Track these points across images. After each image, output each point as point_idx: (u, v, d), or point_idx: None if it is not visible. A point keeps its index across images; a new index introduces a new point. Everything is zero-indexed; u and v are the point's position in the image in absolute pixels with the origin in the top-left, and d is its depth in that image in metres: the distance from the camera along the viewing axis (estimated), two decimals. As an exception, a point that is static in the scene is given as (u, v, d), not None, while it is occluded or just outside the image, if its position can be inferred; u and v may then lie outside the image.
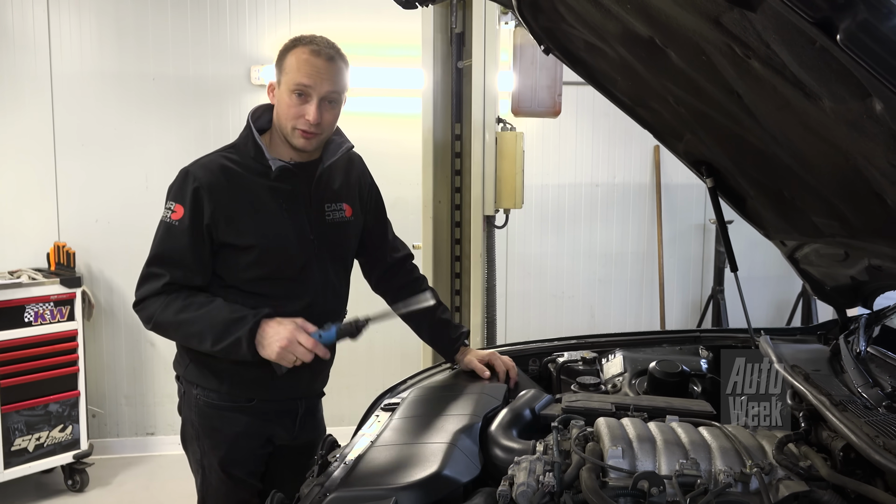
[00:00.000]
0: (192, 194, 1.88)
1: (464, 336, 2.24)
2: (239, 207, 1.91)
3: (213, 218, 1.88)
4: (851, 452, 1.35)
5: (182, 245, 1.89)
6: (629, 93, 1.99)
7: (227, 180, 1.91)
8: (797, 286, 4.98)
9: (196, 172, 1.91)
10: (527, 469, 1.39)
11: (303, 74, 1.85)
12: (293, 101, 1.88)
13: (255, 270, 1.93)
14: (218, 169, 1.92)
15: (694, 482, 1.32)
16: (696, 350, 2.25)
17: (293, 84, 1.86)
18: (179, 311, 1.86)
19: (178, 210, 1.89)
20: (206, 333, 1.84)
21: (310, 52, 1.86)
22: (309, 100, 1.87)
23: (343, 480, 1.43)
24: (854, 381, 1.69)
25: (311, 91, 1.86)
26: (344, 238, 2.11)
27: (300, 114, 1.88)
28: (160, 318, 1.88)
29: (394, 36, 4.49)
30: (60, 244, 4.18)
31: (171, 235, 1.90)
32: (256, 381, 1.97)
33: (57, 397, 3.92)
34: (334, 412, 4.29)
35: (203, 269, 1.92)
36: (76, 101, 4.34)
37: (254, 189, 1.93)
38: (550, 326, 4.96)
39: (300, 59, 1.86)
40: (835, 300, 2.21)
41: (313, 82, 1.86)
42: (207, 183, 1.89)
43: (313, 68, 1.85)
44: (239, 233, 1.91)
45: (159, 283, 1.89)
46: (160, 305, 1.88)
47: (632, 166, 5.00)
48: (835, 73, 0.86)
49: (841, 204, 1.46)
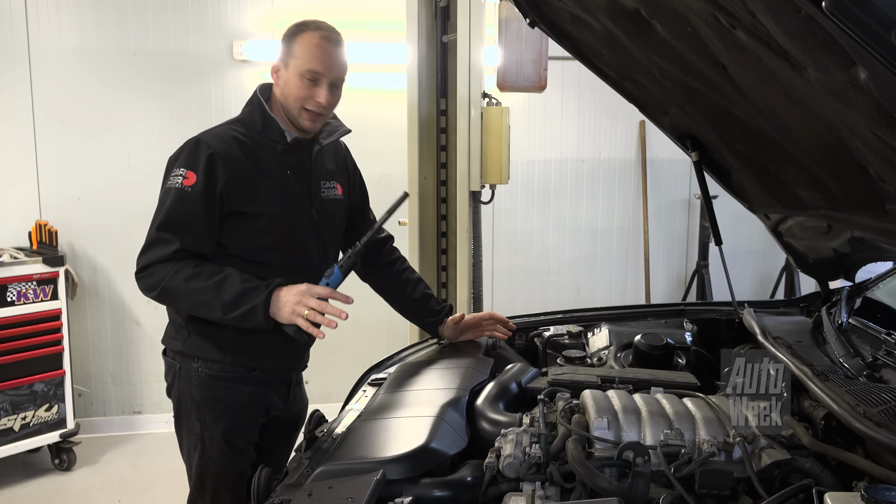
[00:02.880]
0: (206, 161, 1.90)
1: (447, 310, 2.27)
2: (250, 176, 1.95)
3: (227, 185, 1.91)
4: (832, 421, 1.37)
5: (195, 211, 1.89)
6: (615, 66, 1.98)
7: (239, 149, 1.95)
8: (781, 260, 5.02)
9: (209, 140, 1.93)
10: (513, 441, 1.40)
11: (316, 61, 1.92)
12: (304, 84, 1.93)
13: (261, 239, 1.97)
14: (230, 138, 1.96)
15: (678, 452, 1.34)
16: (680, 323, 2.27)
17: (304, 69, 1.92)
18: (190, 279, 1.87)
19: (191, 176, 1.89)
20: (215, 302, 1.85)
21: (321, 38, 1.93)
22: (319, 84, 1.94)
23: (331, 454, 1.44)
24: (836, 352, 1.72)
25: (322, 77, 1.93)
26: (336, 214, 2.17)
27: (310, 96, 1.94)
28: (169, 284, 1.88)
29: (378, 10, 4.43)
30: (42, 223, 4.13)
31: (184, 201, 1.89)
32: (258, 351, 2.01)
33: (42, 377, 3.90)
34: (321, 389, 4.33)
35: (212, 237, 1.94)
36: (55, 77, 4.26)
37: (265, 159, 1.98)
38: (536, 302, 4.98)
39: (312, 45, 1.93)
40: (818, 273, 2.23)
41: (325, 69, 1.93)
42: (222, 151, 1.92)
43: (325, 54, 1.93)
44: (250, 201, 1.95)
45: (170, 249, 1.88)
46: (169, 271, 1.88)
47: (617, 142, 5.00)
48: (819, 42, 0.86)
49: (824, 176, 1.47)
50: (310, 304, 1.82)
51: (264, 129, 2.00)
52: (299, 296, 1.83)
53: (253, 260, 1.97)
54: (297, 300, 1.83)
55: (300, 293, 1.84)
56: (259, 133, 2.00)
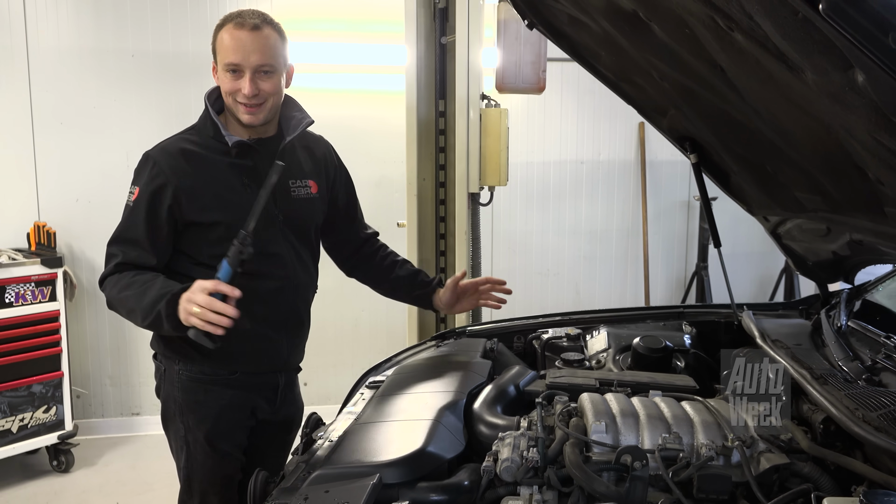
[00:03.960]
0: (148, 175, 1.91)
1: (437, 280, 2.29)
2: (201, 185, 1.93)
3: (174, 197, 1.90)
4: (831, 425, 1.37)
5: (136, 224, 1.92)
6: (613, 68, 1.97)
7: (186, 160, 1.94)
8: (780, 262, 5.02)
9: (156, 155, 1.94)
10: (511, 445, 1.40)
11: (230, 51, 1.88)
12: (228, 78, 1.90)
13: (221, 247, 1.88)
14: (177, 151, 1.95)
15: (676, 456, 1.33)
16: (679, 326, 2.26)
17: (224, 63, 1.89)
18: (123, 289, 1.88)
19: (136, 191, 1.94)
20: (137, 309, 1.84)
21: (233, 26, 1.88)
22: (241, 75, 1.89)
23: (327, 458, 1.43)
24: (835, 355, 1.71)
25: (241, 67, 1.88)
26: (310, 213, 2.12)
27: (236, 88, 1.90)
28: (109, 296, 1.93)
29: (376, 11, 4.42)
30: (40, 224, 4.12)
31: (130, 216, 1.94)
32: (238, 353, 1.98)
33: (40, 378, 3.89)
34: (320, 391, 4.32)
35: (157, 249, 1.93)
36: (54, 78, 4.25)
37: (215, 166, 1.95)
38: (535, 303, 4.96)
39: (226, 37, 1.89)
40: (817, 275, 2.23)
41: (240, 58, 1.87)
42: (167, 164, 1.92)
43: (238, 42, 1.87)
44: (203, 210, 1.93)
45: (112, 263, 1.94)
46: (110, 284, 1.93)
47: (617, 143, 4.99)
48: (817, 45, 0.86)
49: (823, 178, 1.46)
50: (196, 300, 1.71)
51: (216, 135, 1.97)
52: (189, 295, 1.74)
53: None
54: (186, 298, 1.73)
55: (189, 292, 1.74)
56: (211, 138, 1.97)
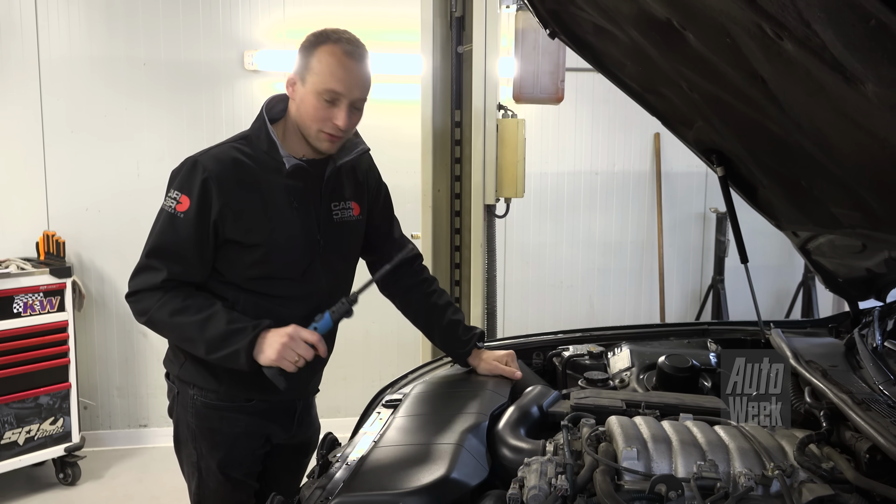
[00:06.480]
0: (200, 186, 1.77)
1: (476, 337, 2.09)
2: (249, 204, 1.81)
3: (221, 213, 1.78)
4: (878, 454, 1.30)
5: (185, 239, 1.78)
6: (638, 78, 1.92)
7: (238, 174, 1.80)
8: (797, 276, 4.94)
9: (206, 163, 1.79)
10: (538, 471, 1.33)
11: (335, 80, 1.75)
12: (321, 104, 1.77)
13: (258, 269, 1.84)
14: (230, 161, 1.81)
15: (713, 485, 1.26)
16: (704, 343, 2.19)
17: (322, 88, 1.75)
18: (175, 313, 1.78)
19: (185, 201, 1.78)
20: (199, 340, 1.78)
21: (342, 53, 1.75)
22: (338, 105, 1.77)
23: (346, 483, 1.37)
24: (874, 378, 1.64)
25: (341, 98, 1.77)
26: (351, 237, 2.02)
27: (327, 118, 1.78)
28: (155, 317, 1.81)
29: (392, 20, 4.39)
30: (50, 233, 4.09)
31: (174, 228, 1.79)
32: (255, 381, 1.87)
33: (47, 389, 3.84)
34: (330, 404, 4.26)
35: (204, 265, 1.83)
36: (65, 87, 4.23)
37: (265, 185, 1.83)
38: (549, 316, 4.91)
39: (331, 61, 1.75)
40: (847, 292, 2.16)
41: (345, 89, 1.76)
42: (218, 175, 1.78)
43: (346, 72, 1.75)
44: (246, 231, 1.82)
45: (157, 279, 1.80)
46: (156, 302, 1.80)
47: (631, 154, 4.93)
48: (888, 54, 0.80)
49: (867, 194, 1.40)
50: (299, 351, 1.75)
51: (270, 150, 1.85)
52: (288, 340, 1.75)
53: (250, 289, 1.87)
54: (286, 343, 1.74)
55: (289, 337, 1.75)
56: (265, 153, 1.85)
